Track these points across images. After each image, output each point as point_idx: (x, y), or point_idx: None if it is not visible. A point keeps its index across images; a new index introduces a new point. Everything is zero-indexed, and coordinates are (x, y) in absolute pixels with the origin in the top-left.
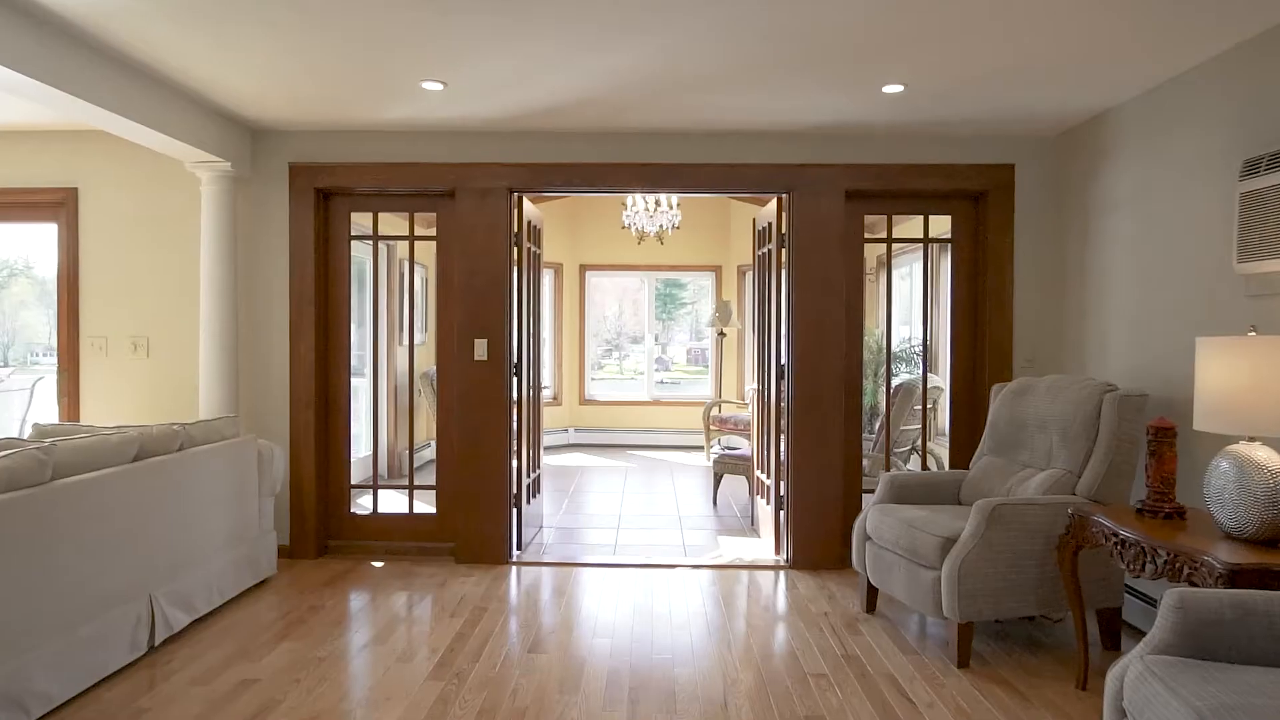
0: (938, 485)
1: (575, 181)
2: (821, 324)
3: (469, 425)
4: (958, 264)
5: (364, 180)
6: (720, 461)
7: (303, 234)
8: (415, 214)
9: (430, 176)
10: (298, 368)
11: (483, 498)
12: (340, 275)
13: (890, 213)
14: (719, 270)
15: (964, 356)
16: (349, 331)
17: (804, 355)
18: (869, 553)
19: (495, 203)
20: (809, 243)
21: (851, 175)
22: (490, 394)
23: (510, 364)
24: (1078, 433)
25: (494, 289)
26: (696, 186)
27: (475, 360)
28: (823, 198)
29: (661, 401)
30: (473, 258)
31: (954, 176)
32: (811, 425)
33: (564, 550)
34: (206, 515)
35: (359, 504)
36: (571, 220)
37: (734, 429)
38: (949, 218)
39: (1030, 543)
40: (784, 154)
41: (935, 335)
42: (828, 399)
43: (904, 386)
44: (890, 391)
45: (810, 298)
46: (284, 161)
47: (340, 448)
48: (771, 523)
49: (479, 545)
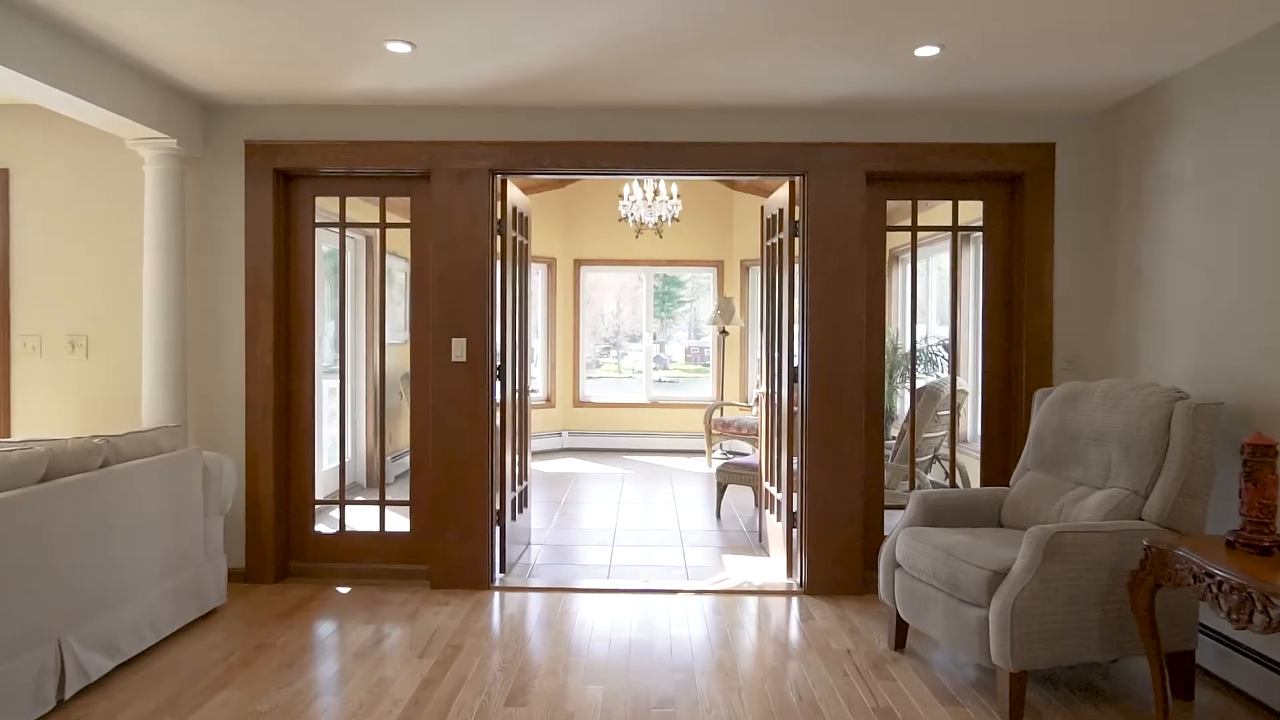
0: (975, 505)
1: (564, 163)
2: (839, 321)
3: (445, 435)
4: (990, 255)
5: (329, 160)
6: (724, 471)
7: (260, 220)
8: (387, 198)
9: (402, 156)
10: (255, 370)
11: (461, 515)
12: (303, 266)
13: (916, 197)
14: (721, 265)
15: (997, 357)
16: (314, 330)
17: (819, 356)
18: (899, 583)
19: (475, 186)
20: (826, 231)
21: (873, 155)
22: (469, 400)
23: (492, 366)
24: (1144, 448)
25: (474, 282)
26: (699, 168)
27: (453, 362)
28: (841, 181)
29: (660, 404)
30: (450, 247)
31: (987, 157)
32: (827, 434)
33: (553, 572)
34: (137, 541)
35: (326, 521)
36: (565, 212)
37: (737, 433)
38: (980, 203)
39: (1093, 577)
40: (797, 131)
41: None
42: (846, 405)
43: (928, 389)
44: (914, 394)
45: (827, 292)
46: (239, 139)
47: (303, 459)
48: (782, 541)
49: (457, 568)
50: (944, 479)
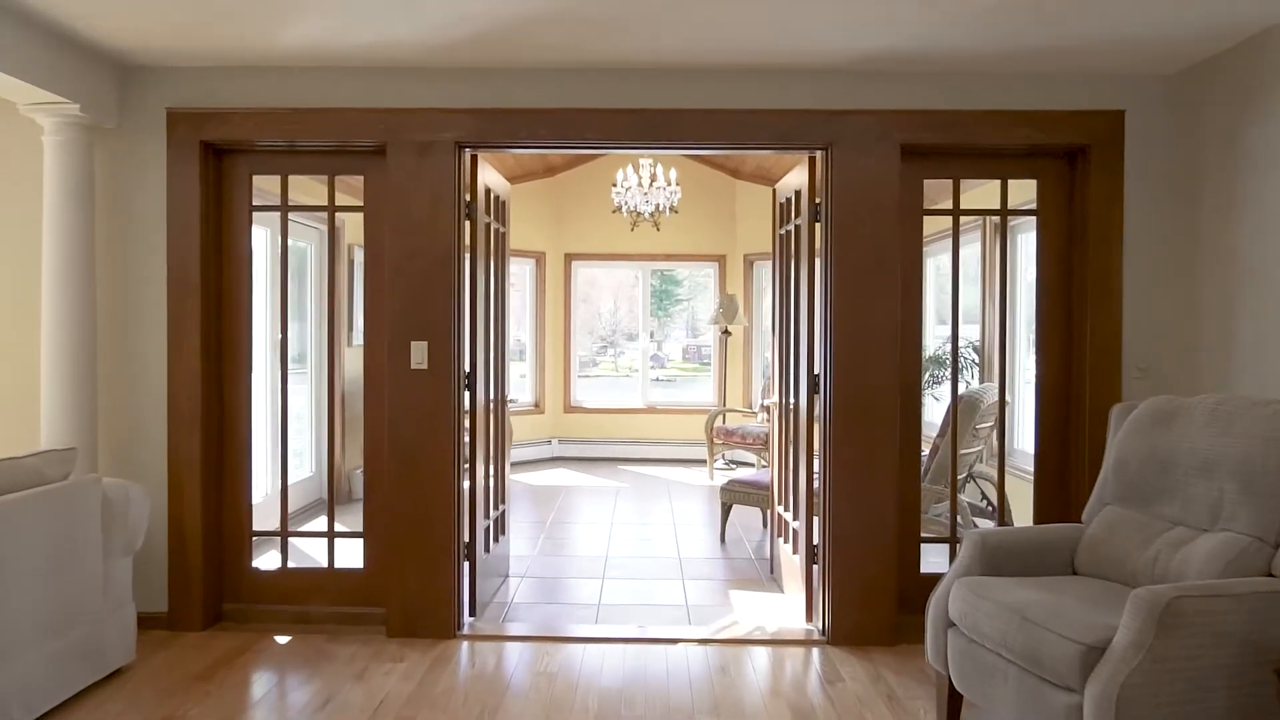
0: (1044, 547)
1: (542, 134)
2: (869, 323)
3: (404, 454)
4: (1046, 242)
5: (267, 131)
6: (730, 490)
7: (185, 202)
8: (338, 177)
9: (353, 126)
10: (179, 378)
11: (422, 549)
12: (239, 257)
13: (958, 175)
14: (723, 260)
15: (1054, 363)
16: (250, 330)
17: (846, 362)
18: (954, 647)
19: (438, 161)
20: (853, 215)
21: (908, 124)
22: (432, 413)
23: (459, 373)
24: (1274, 483)
25: (437, 275)
26: (701, 140)
27: (412, 369)
28: (871, 155)
29: (657, 409)
30: (408, 233)
31: (1043, 127)
32: (855, 454)
33: (534, 614)
34: (6, 596)
35: (270, 554)
36: (554, 204)
37: (741, 443)
38: (1034, 182)
39: (1218, 654)
40: (819, 96)
41: (990, 335)
42: (877, 420)
43: (966, 399)
44: (955, 405)
45: (855, 288)
46: (159, 107)
47: (238, 482)
48: (799, 577)
49: (418, 612)
50: (980, 500)
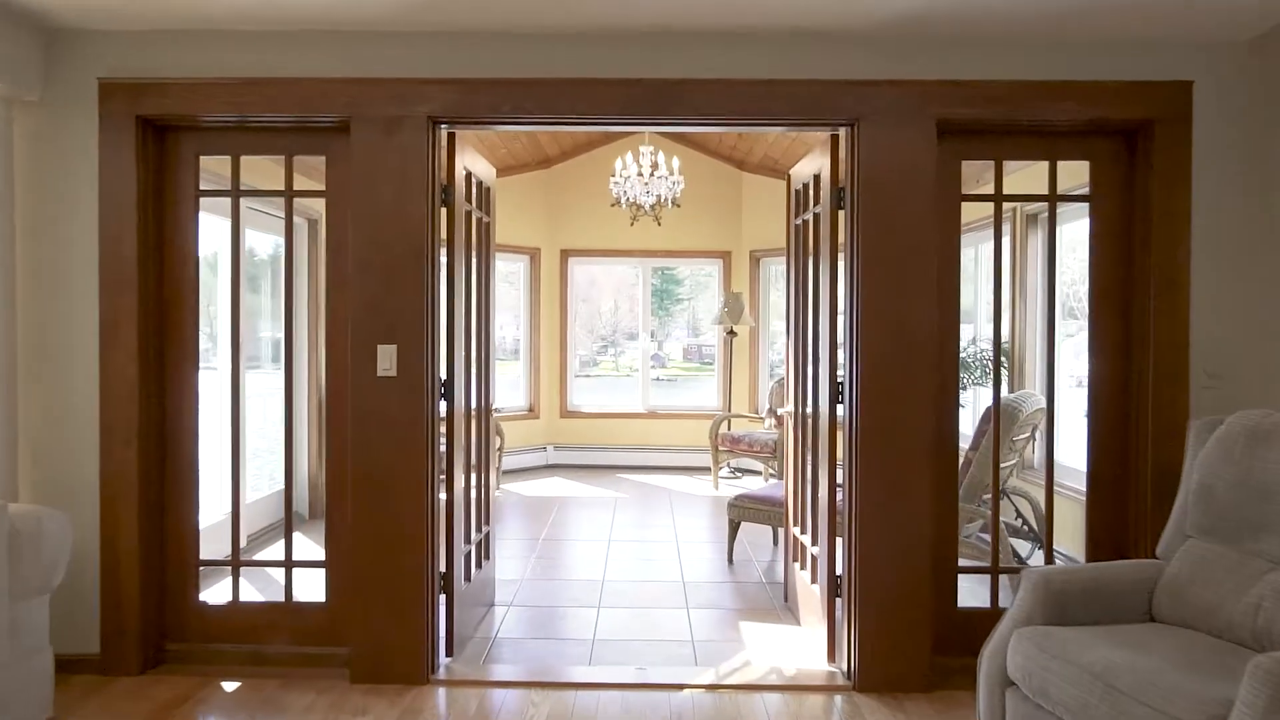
0: (1116, 588)
1: (529, 108)
2: (901, 321)
3: (369, 474)
4: (1099, 232)
5: (214, 104)
6: (738, 506)
7: (121, 185)
8: (295, 157)
9: (313, 98)
10: (113, 386)
11: (390, 581)
12: (183, 248)
13: (1001, 156)
14: (727, 257)
15: (1110, 368)
16: (197, 331)
17: (876, 368)
18: (1016, 711)
19: (409, 139)
20: (883, 200)
21: (946, 97)
22: (401, 427)
23: (433, 381)
24: None
25: (407, 269)
26: (711, 114)
27: (378, 376)
28: (905, 132)
29: (659, 413)
30: (374, 222)
31: (1098, 100)
32: (885, 471)
33: (521, 651)
34: None
35: (223, 585)
36: (550, 198)
37: (749, 450)
38: (1086, 164)
39: None
40: (846, 64)
41: (1023, 335)
42: (911, 432)
43: (1004, 408)
44: (997, 414)
45: (885, 283)
46: (90, 76)
47: (182, 504)
48: (819, 609)
49: (386, 653)
50: (1014, 518)
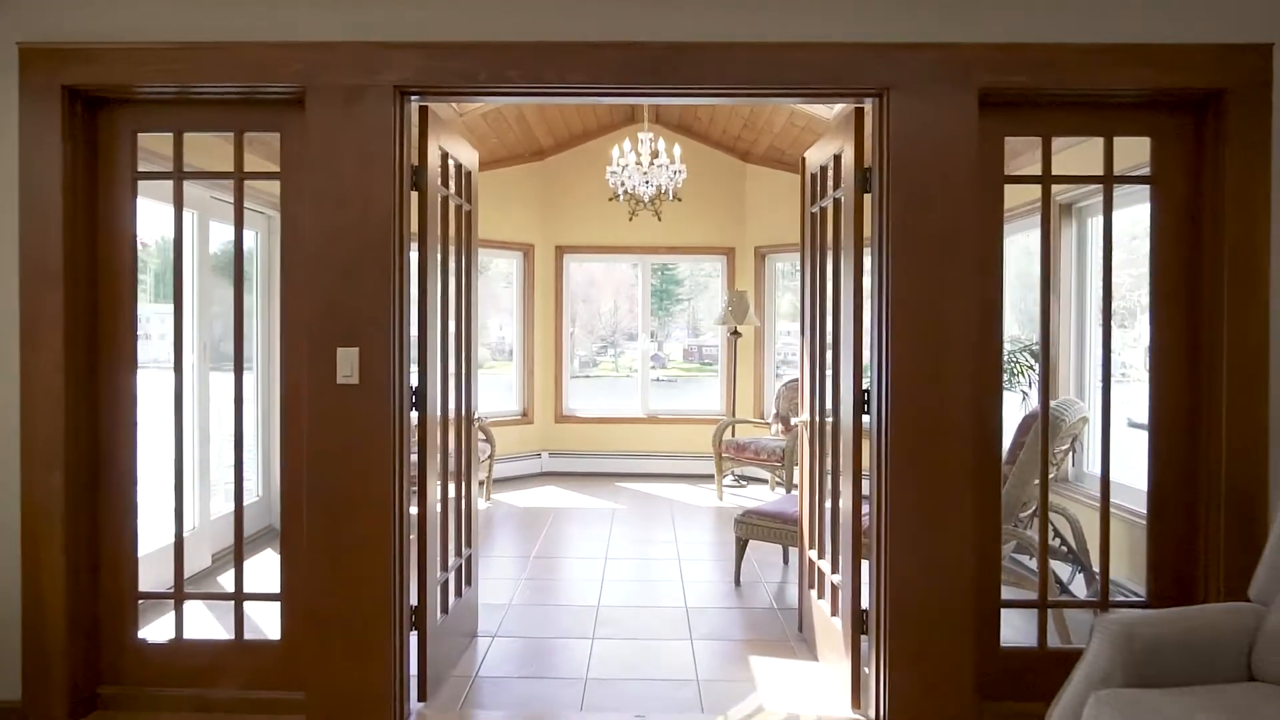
0: (1209, 641)
1: (510, 75)
2: (939, 321)
3: (329, 495)
4: (1162, 218)
5: (151, 73)
6: (746, 523)
7: (44, 166)
8: (246, 134)
9: (263, 65)
10: (35, 397)
11: (353, 617)
12: (119, 237)
13: (1050, 132)
14: (731, 253)
15: (1174, 374)
16: (134, 333)
17: (907, 373)
18: None
19: (373, 112)
20: (917, 182)
21: (989, 63)
22: (365, 442)
23: (402, 389)
24: None
25: (370, 261)
26: (718, 84)
27: (338, 384)
28: (941, 103)
29: (659, 418)
30: (333, 207)
31: (1164, 66)
32: (919, 491)
33: (504, 692)
34: None
35: (162, 620)
36: (544, 191)
37: (754, 459)
38: (1147, 140)
39: None
40: (874, 25)
41: (1061, 334)
42: (949, 446)
43: (1039, 418)
44: (1044, 422)
45: (920, 277)
46: (8, 40)
47: (119, 529)
48: (843, 646)
49: (346, 700)
50: (1052, 538)
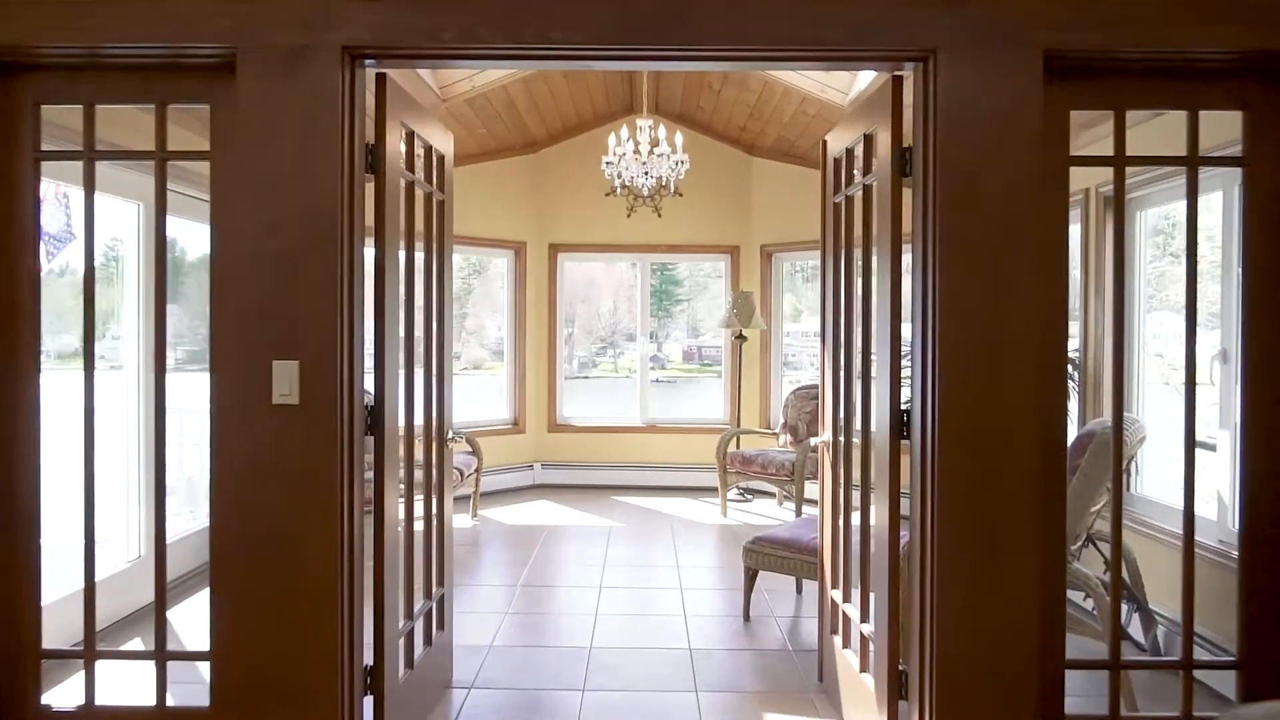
0: None
1: (482, 34)
2: (996, 327)
3: (262, 537)
4: (1257, 206)
5: (54, 31)
6: (757, 552)
7: None
8: (170, 105)
9: (188, 22)
10: None
11: (294, 682)
12: (16, 227)
13: (1123, 105)
14: (735, 252)
15: (1273, 387)
16: (35, 336)
17: (958, 391)
18: None
19: (318, 78)
20: (971, 163)
21: (1056, 19)
22: (307, 473)
23: (352, 409)
24: None
25: (314, 257)
26: (730, 44)
27: (273, 404)
28: (1000, 68)
29: (659, 427)
30: (268, 192)
31: (1252, 23)
32: (975, 530)
33: None
34: None
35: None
36: (537, 186)
37: (762, 473)
38: (1239, 114)
39: None
40: None
41: (1098, 344)
42: (1009, 477)
43: (1096, 437)
44: (1118, 444)
45: (974, 276)
46: None
47: (16, 577)
48: (875, 708)
49: None
50: (1104, 572)
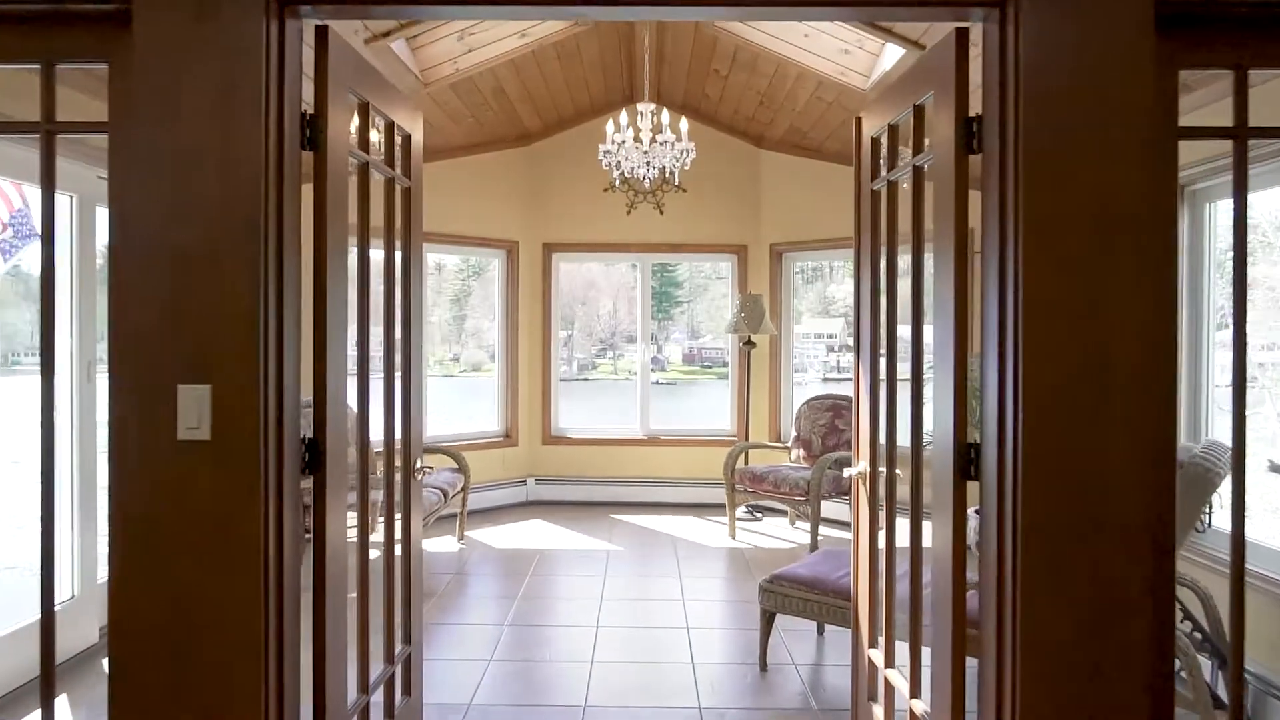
0: None
1: None
2: (1098, 340)
3: (166, 615)
4: None
5: None
6: (774, 593)
7: None
8: (59, 67)
9: None
10: None
11: None
12: None
13: (1246, 64)
14: (743, 252)
15: None
16: None
17: (1049, 422)
18: None
19: (237, 28)
20: (1061, 134)
21: None
22: (221, 528)
23: (281, 445)
24: None
25: (231, 253)
26: None
27: (179, 440)
28: (1097, 15)
29: (660, 439)
30: (178, 169)
31: None
32: (1068, 611)
33: None
34: None
35: None
36: (529, 180)
37: (774, 491)
38: None
39: None
40: None
41: None
42: (1116, 537)
43: (1184, 468)
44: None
45: (1066, 272)
46: None
47: None
48: None
49: None
50: (1180, 620)
